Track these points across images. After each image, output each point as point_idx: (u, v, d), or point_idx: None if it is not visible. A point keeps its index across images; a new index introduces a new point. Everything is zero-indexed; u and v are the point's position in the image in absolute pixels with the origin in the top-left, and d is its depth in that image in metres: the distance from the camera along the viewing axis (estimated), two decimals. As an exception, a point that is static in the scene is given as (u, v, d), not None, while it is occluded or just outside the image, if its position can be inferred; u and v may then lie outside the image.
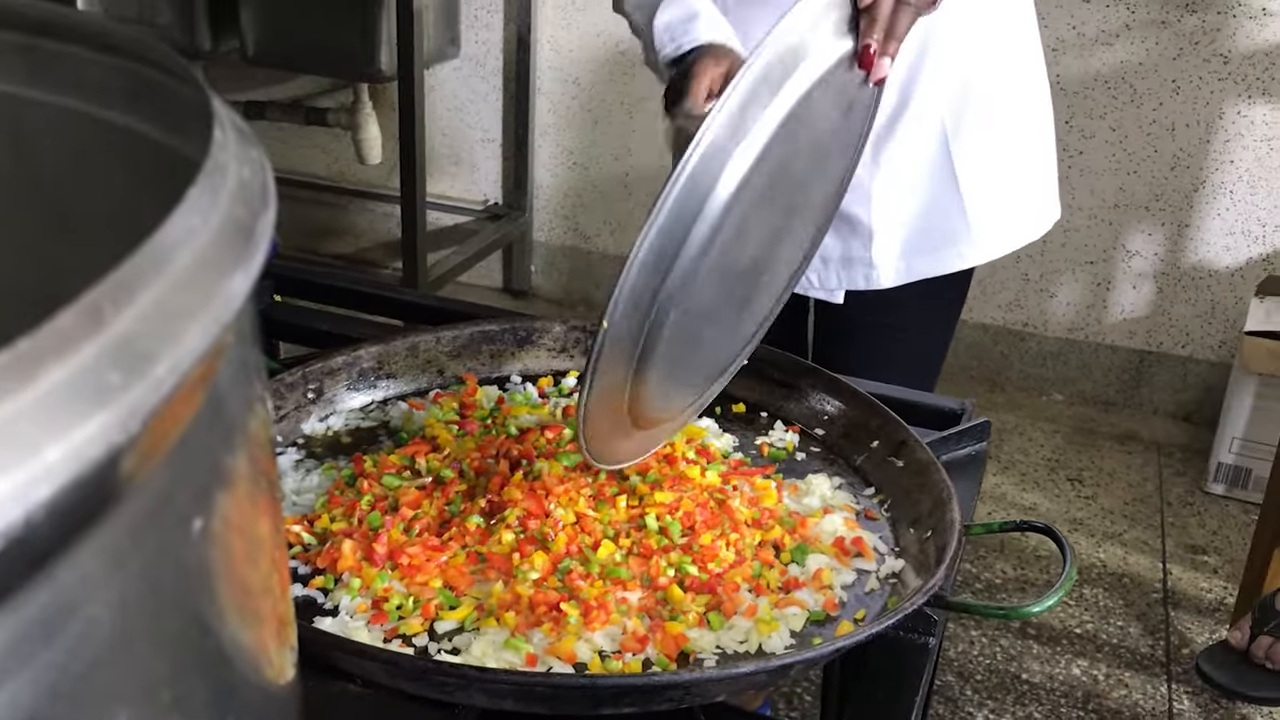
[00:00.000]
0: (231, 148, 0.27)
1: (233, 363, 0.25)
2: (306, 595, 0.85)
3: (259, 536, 0.30)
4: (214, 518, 0.26)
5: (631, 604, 0.83)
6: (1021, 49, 1.42)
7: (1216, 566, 2.45)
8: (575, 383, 1.16)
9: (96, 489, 0.18)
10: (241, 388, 0.27)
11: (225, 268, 0.22)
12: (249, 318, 0.27)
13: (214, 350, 0.22)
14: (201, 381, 0.22)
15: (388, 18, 2.77)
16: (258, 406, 0.29)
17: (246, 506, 0.29)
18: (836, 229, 1.39)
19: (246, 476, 0.28)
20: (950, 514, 0.90)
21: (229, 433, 0.26)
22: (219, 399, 0.25)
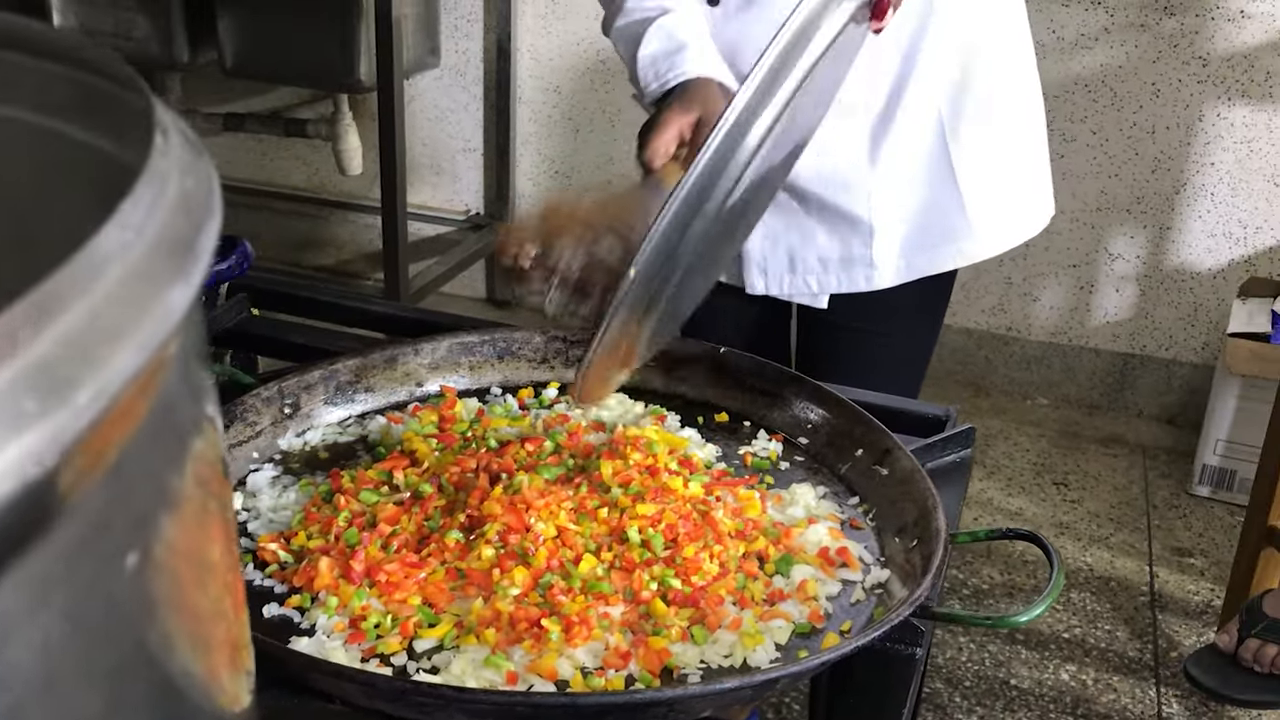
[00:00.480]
0: (175, 156, 0.25)
1: (175, 382, 0.24)
2: (283, 614, 0.83)
3: (209, 560, 0.29)
4: (156, 544, 0.24)
5: (614, 619, 0.82)
6: (1014, 42, 1.41)
7: (1203, 569, 2.45)
8: (556, 393, 1.15)
9: (11, 525, 0.17)
10: (187, 407, 0.26)
11: (161, 283, 0.21)
12: (194, 334, 0.26)
13: (149, 371, 0.21)
14: (136, 404, 0.20)
15: (366, 28, 2.75)
16: (206, 426, 0.28)
17: (195, 530, 0.27)
18: (835, 229, 1.39)
19: (195, 499, 0.27)
20: (936, 523, 0.89)
21: (173, 455, 0.25)
22: (160, 421, 0.23)
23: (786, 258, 1.42)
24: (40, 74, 0.34)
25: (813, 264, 1.41)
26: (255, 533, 0.92)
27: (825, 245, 1.40)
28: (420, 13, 3.01)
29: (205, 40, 2.96)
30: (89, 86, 0.32)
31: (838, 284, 1.42)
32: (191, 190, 0.24)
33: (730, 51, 1.29)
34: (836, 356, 1.46)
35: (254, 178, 3.57)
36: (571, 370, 1.18)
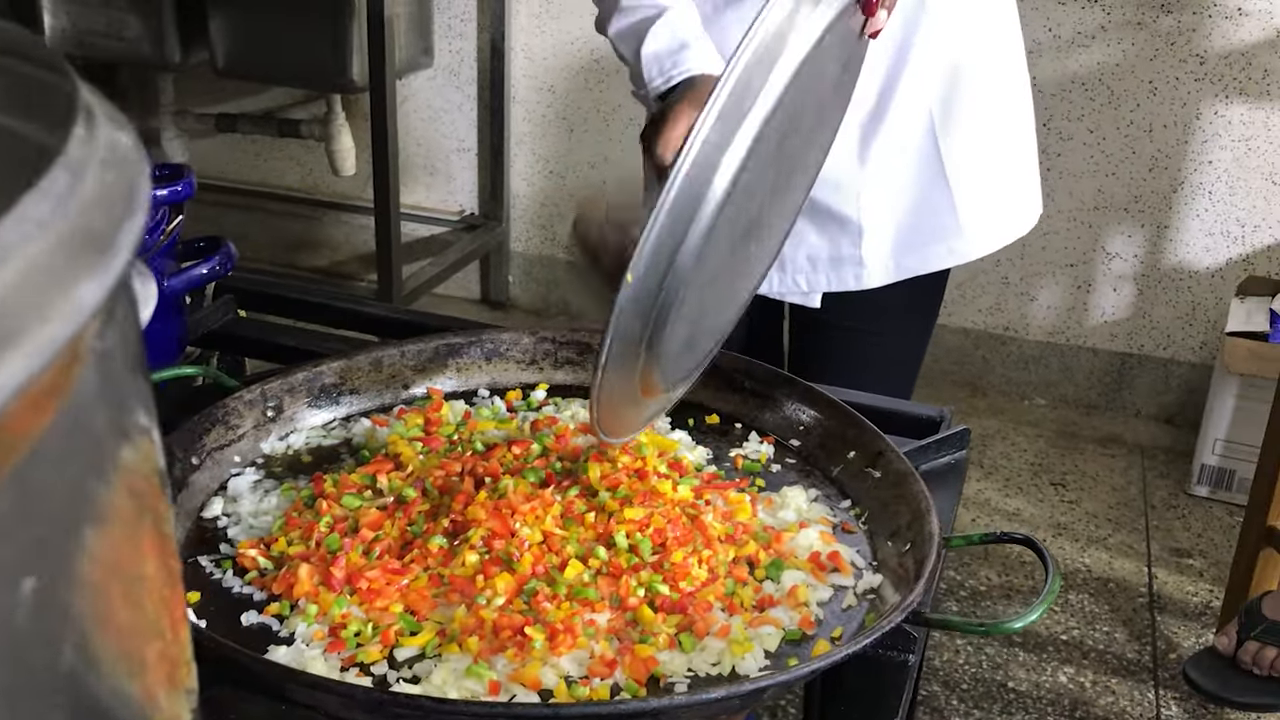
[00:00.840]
0: (97, 146, 0.23)
1: (93, 388, 0.22)
2: (261, 622, 0.81)
3: (141, 576, 0.27)
4: (71, 562, 0.22)
5: (600, 626, 0.80)
6: (1004, 40, 1.40)
7: (1202, 569, 2.43)
8: (545, 395, 1.13)
9: None
10: (111, 416, 0.24)
11: (67, 281, 0.19)
12: (120, 338, 0.24)
13: (51, 377, 0.19)
14: (33, 415, 0.19)
15: (359, 28, 2.74)
16: (139, 436, 0.26)
17: (124, 545, 0.25)
18: (824, 229, 1.38)
19: (125, 513, 0.25)
20: (929, 526, 0.87)
21: (94, 467, 0.23)
22: (73, 431, 0.22)
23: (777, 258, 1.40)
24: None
25: (802, 263, 1.40)
26: (235, 539, 0.91)
27: (815, 244, 1.39)
28: (413, 12, 2.99)
29: (197, 40, 2.94)
30: (16, 73, 0.30)
31: (827, 283, 1.40)
32: (112, 183, 0.23)
33: (719, 40, 1.27)
34: (829, 356, 1.45)
35: (247, 178, 3.55)
36: (560, 371, 1.17)
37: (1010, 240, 1.46)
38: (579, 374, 1.17)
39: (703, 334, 0.98)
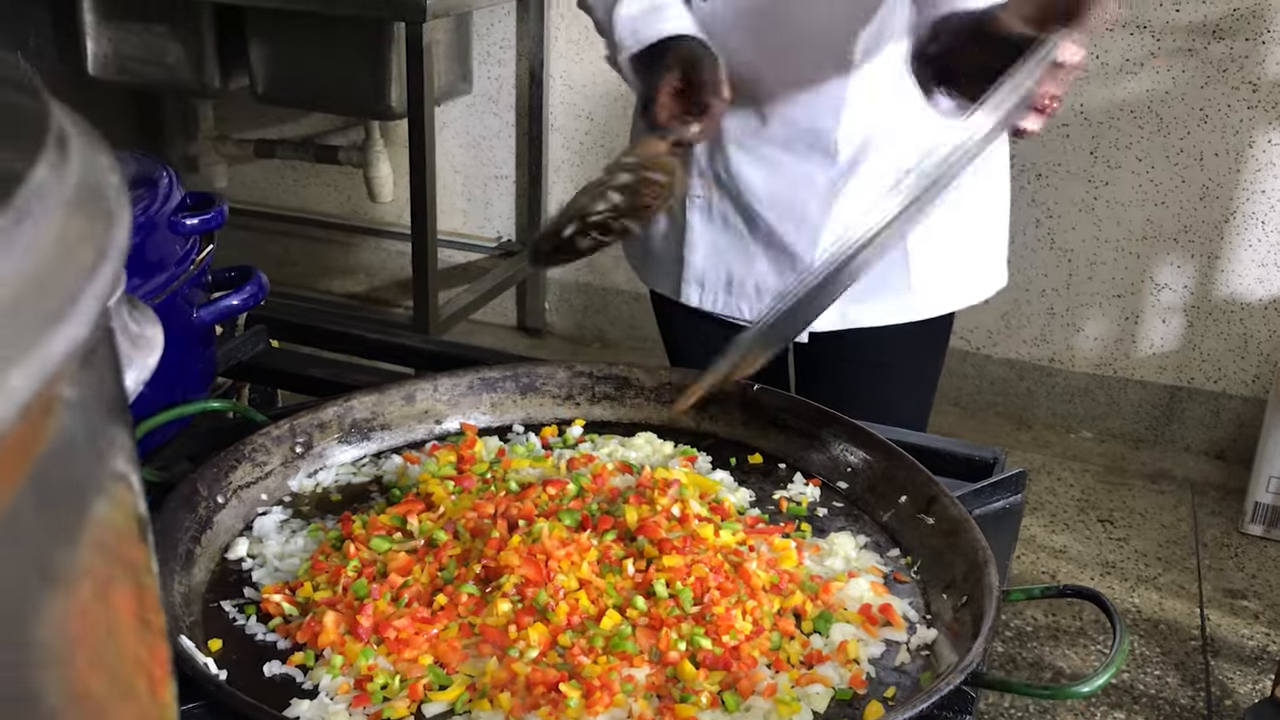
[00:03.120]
0: (69, 184, 0.20)
1: (65, 442, 0.19)
2: (285, 673, 0.78)
3: (117, 637, 0.23)
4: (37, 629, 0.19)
5: (638, 683, 0.76)
6: None
7: (1257, 612, 2.35)
8: (581, 432, 1.09)
9: None
10: (84, 469, 0.20)
11: (32, 333, 0.16)
12: (94, 384, 0.20)
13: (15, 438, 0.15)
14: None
15: (398, 55, 2.73)
16: (114, 485, 0.22)
17: (91, 605, 0.22)
18: (776, 261, 1.38)
19: (95, 573, 0.22)
20: (987, 579, 0.82)
21: (60, 527, 0.20)
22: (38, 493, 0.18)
23: (725, 277, 1.42)
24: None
25: (749, 289, 1.41)
26: (260, 582, 0.87)
27: (764, 274, 1.39)
28: (452, 40, 2.98)
29: (237, 67, 2.95)
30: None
31: None
32: (83, 229, 0.19)
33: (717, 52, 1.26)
34: (836, 392, 1.40)
35: (285, 204, 3.55)
36: (597, 407, 1.13)
37: (960, 307, 1.45)
38: (616, 409, 1.13)
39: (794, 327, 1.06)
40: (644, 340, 3.28)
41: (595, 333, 3.40)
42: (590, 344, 3.39)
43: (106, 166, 0.23)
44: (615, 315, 3.35)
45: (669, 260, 1.46)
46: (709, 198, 1.39)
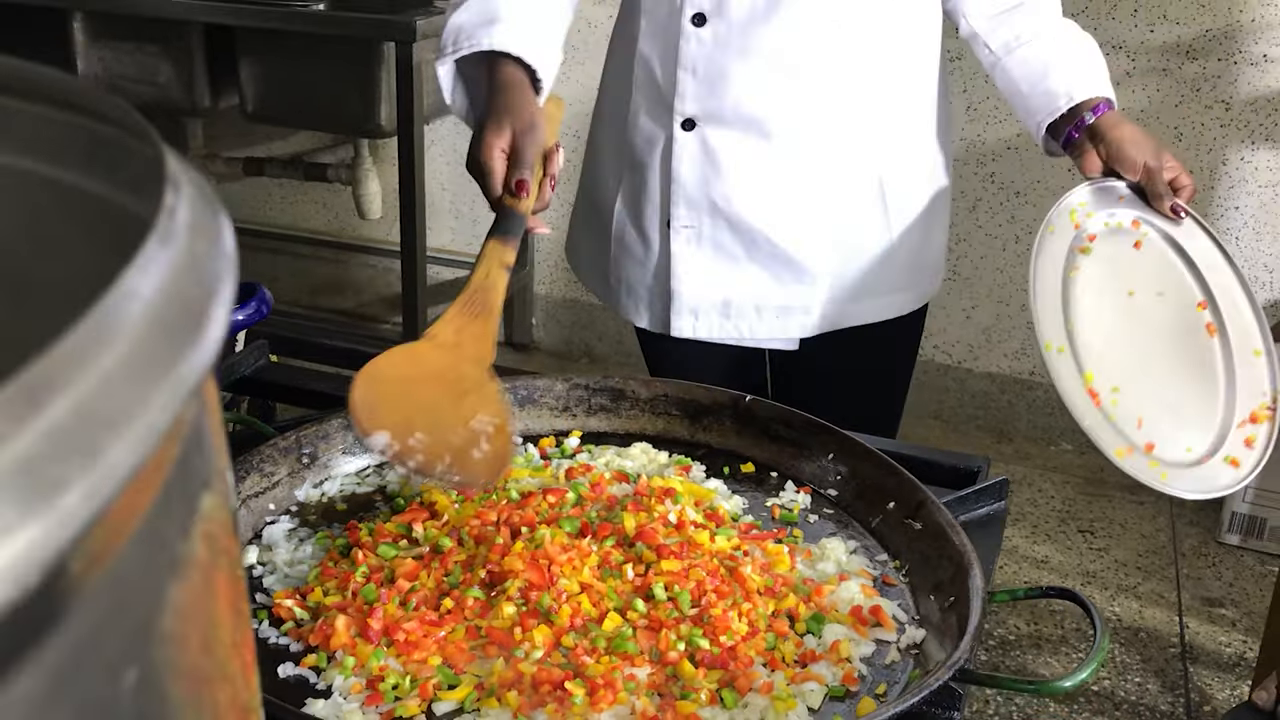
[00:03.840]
0: (185, 216, 0.23)
1: (187, 452, 0.22)
2: (298, 675, 0.81)
3: (216, 623, 0.26)
4: (165, 619, 0.22)
5: (640, 681, 0.79)
6: (940, 115, 1.43)
7: (1235, 619, 2.39)
8: (578, 442, 1.12)
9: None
10: (199, 469, 0.23)
11: (168, 359, 0.19)
12: (208, 398, 0.23)
13: (156, 455, 0.18)
14: (141, 492, 0.18)
15: (387, 73, 2.76)
16: (217, 481, 0.25)
17: (202, 594, 0.25)
18: (778, 276, 1.38)
19: (203, 561, 0.25)
20: (973, 581, 0.86)
21: (182, 525, 0.23)
22: (170, 493, 0.21)
23: (721, 301, 1.39)
24: (38, 119, 0.32)
25: (748, 309, 1.39)
26: (271, 588, 0.90)
27: (765, 291, 1.38)
28: (440, 58, 3.02)
29: (227, 85, 2.97)
30: (95, 134, 0.30)
31: (769, 331, 1.40)
32: (204, 251, 0.22)
33: (714, 79, 1.28)
34: (813, 397, 1.43)
35: (274, 221, 3.58)
36: (593, 418, 1.16)
37: (924, 302, 1.50)
38: (612, 421, 1.16)
39: None
40: (630, 355, 3.31)
41: (582, 348, 3.43)
42: (578, 359, 3.42)
43: (205, 189, 0.26)
44: (602, 331, 3.39)
45: (652, 294, 1.43)
46: (699, 227, 1.36)
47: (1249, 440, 1.25)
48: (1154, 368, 1.26)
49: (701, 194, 1.34)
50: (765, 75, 1.28)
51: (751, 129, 1.30)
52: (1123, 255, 1.30)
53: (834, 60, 1.28)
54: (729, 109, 1.30)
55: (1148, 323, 1.29)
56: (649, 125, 1.36)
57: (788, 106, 1.30)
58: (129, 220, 0.27)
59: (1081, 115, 1.31)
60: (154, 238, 0.21)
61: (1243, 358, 1.28)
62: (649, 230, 1.40)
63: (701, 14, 1.27)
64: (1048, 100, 1.31)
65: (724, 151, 1.32)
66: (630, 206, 1.41)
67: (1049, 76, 1.32)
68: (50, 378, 0.16)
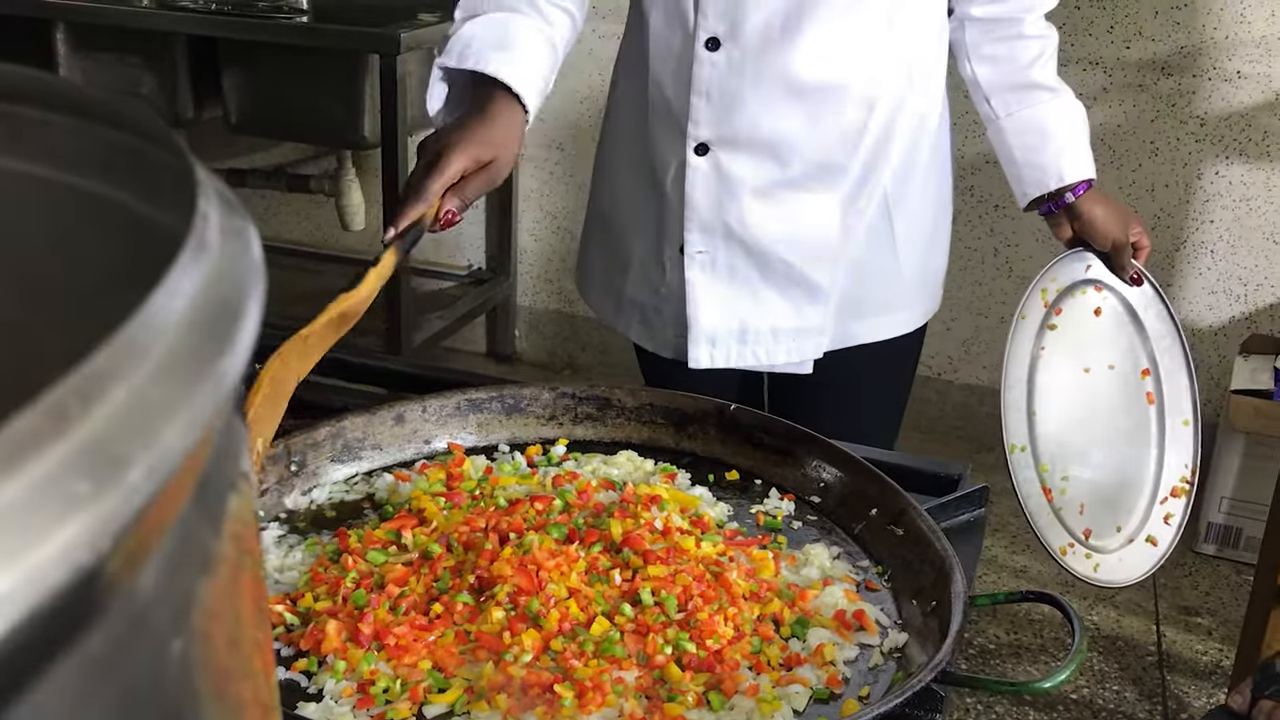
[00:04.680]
0: (216, 221, 0.24)
1: (220, 447, 0.23)
2: (289, 679, 0.82)
3: (241, 620, 0.27)
4: (197, 614, 0.23)
5: (628, 684, 0.80)
6: (943, 133, 1.46)
7: (1211, 628, 2.42)
8: (565, 450, 1.14)
9: (61, 615, 0.16)
10: (228, 469, 0.25)
11: (209, 355, 0.20)
12: (235, 397, 0.25)
13: (199, 444, 0.20)
14: (186, 478, 0.20)
15: (371, 86, 2.77)
16: (241, 483, 0.27)
17: (229, 591, 0.26)
18: (793, 298, 1.38)
19: (230, 560, 0.26)
20: (954, 585, 0.87)
21: (214, 520, 0.24)
22: (205, 489, 0.22)
23: (738, 328, 1.38)
24: (62, 129, 0.33)
25: (764, 334, 1.38)
26: (261, 594, 0.91)
27: (780, 315, 1.38)
28: (425, 71, 3.02)
29: (210, 97, 2.98)
30: (119, 144, 0.31)
31: (786, 355, 1.40)
32: (236, 255, 0.24)
33: (729, 103, 1.29)
34: (811, 413, 1.44)
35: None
36: (579, 427, 1.18)
37: (926, 320, 1.52)
38: (598, 429, 1.18)
39: None
40: (614, 366, 3.33)
41: (565, 359, 3.44)
42: (561, 370, 3.43)
43: (233, 200, 0.27)
44: (585, 341, 3.40)
45: (665, 321, 1.42)
46: (713, 252, 1.36)
47: (1167, 517, 1.40)
48: (1098, 446, 1.42)
49: (715, 218, 1.34)
50: (779, 99, 1.28)
51: (765, 152, 1.31)
52: (1084, 325, 1.46)
53: (846, 82, 1.29)
54: (743, 133, 1.30)
55: (1098, 397, 1.44)
56: (662, 149, 1.36)
57: (800, 129, 1.30)
58: (154, 228, 0.29)
59: (1064, 195, 1.41)
60: (190, 244, 0.22)
61: (1173, 426, 1.43)
62: (664, 255, 1.40)
63: (716, 39, 1.27)
64: (1039, 175, 1.40)
65: (737, 175, 1.31)
66: (645, 231, 1.41)
67: (1043, 150, 1.39)
68: (109, 369, 0.17)
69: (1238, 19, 2.66)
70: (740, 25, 1.26)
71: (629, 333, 1.48)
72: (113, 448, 0.17)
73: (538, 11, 1.23)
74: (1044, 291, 1.47)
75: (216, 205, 0.25)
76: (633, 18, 1.39)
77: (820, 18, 1.25)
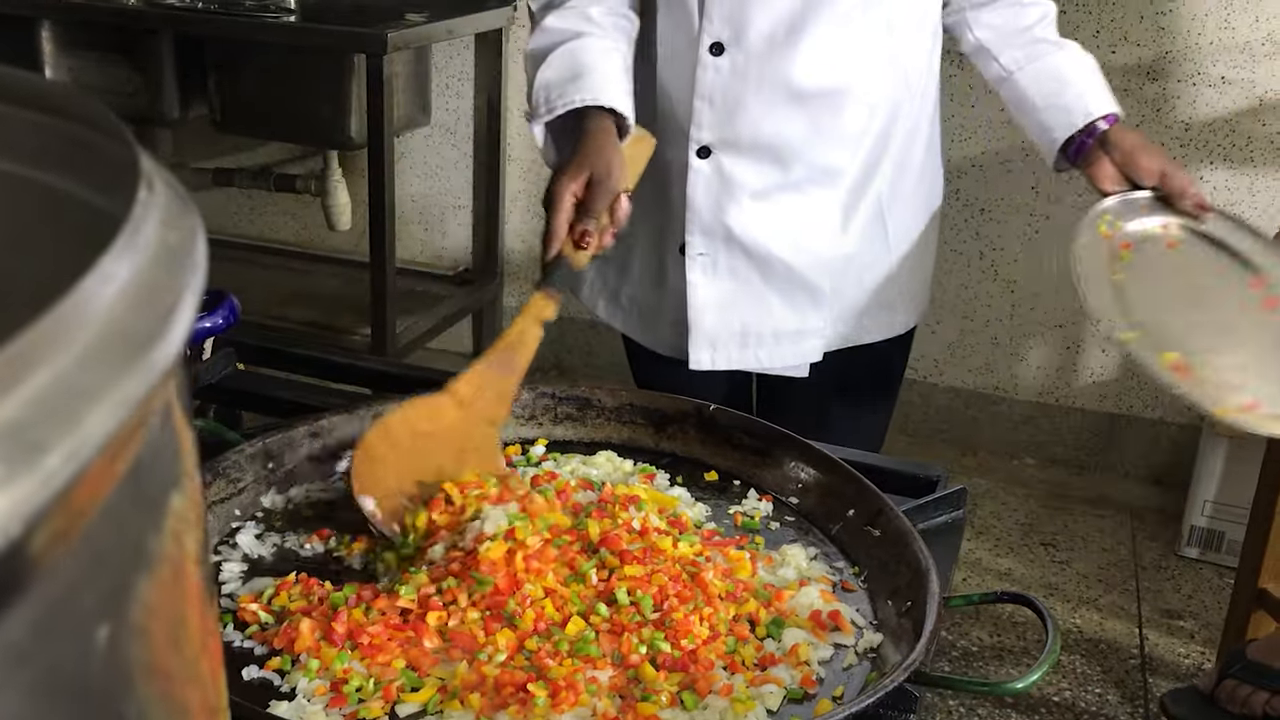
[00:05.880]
0: (159, 209, 0.24)
1: (156, 439, 0.23)
2: (262, 677, 0.81)
3: (186, 623, 0.27)
4: (131, 611, 0.23)
5: (602, 684, 0.80)
6: (933, 134, 1.46)
7: (1193, 631, 2.43)
8: (544, 450, 1.13)
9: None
10: (168, 464, 0.25)
11: (140, 340, 0.20)
12: (178, 390, 0.25)
13: (127, 431, 0.20)
14: (113, 465, 0.20)
15: (358, 86, 2.77)
16: (186, 482, 0.27)
17: (172, 592, 0.26)
18: (793, 300, 1.38)
19: (172, 559, 0.26)
20: (930, 586, 0.87)
21: (152, 515, 0.24)
22: (139, 480, 0.22)
23: (739, 330, 1.39)
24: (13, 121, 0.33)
25: (766, 337, 1.39)
26: (235, 593, 0.90)
27: (781, 317, 1.38)
28: (411, 72, 3.03)
29: (197, 96, 2.97)
30: (71, 135, 0.31)
31: (784, 359, 1.40)
32: (175, 245, 0.24)
33: (732, 107, 1.29)
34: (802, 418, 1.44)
35: (243, 232, 3.57)
36: (559, 427, 1.18)
37: (916, 321, 1.51)
38: (578, 429, 1.18)
39: None
40: (600, 369, 3.33)
41: (552, 361, 3.44)
42: (547, 372, 3.42)
43: (179, 191, 0.27)
44: (572, 344, 3.40)
45: (664, 324, 1.43)
46: (714, 254, 1.36)
47: None
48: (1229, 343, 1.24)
49: (716, 220, 1.35)
50: (781, 103, 1.29)
51: (766, 156, 1.32)
52: (1161, 257, 1.31)
53: (846, 87, 1.30)
54: (745, 137, 1.31)
55: (1209, 307, 1.29)
56: (665, 150, 1.36)
57: (802, 134, 1.31)
58: (103, 219, 0.29)
59: (1094, 124, 1.34)
60: (128, 229, 0.22)
61: None
62: (665, 255, 1.41)
63: (720, 44, 1.28)
64: (1064, 117, 1.34)
65: (738, 178, 1.32)
66: (646, 230, 1.42)
67: (1063, 93, 1.35)
68: (31, 352, 0.17)
69: (1222, 24, 2.67)
70: (745, 31, 1.26)
71: (625, 328, 1.49)
72: (30, 432, 0.16)
73: (596, 26, 1.26)
74: (1100, 223, 1.31)
75: (161, 196, 0.25)
76: (641, 19, 1.39)
77: (823, 24, 1.25)
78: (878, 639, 0.89)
